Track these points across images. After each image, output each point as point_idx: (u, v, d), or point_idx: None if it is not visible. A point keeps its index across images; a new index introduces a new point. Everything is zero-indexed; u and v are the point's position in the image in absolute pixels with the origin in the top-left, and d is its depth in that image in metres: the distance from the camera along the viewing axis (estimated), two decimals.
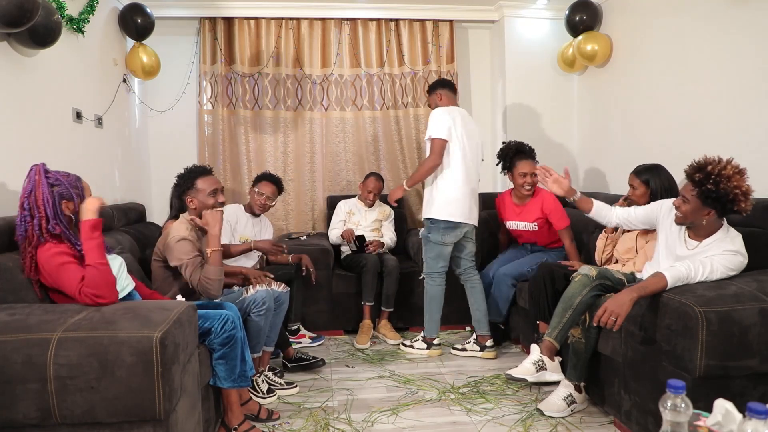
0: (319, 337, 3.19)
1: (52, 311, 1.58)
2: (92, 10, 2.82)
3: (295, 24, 3.90)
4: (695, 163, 1.93)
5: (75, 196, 1.79)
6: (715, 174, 1.83)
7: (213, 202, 2.26)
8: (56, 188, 1.76)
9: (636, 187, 2.51)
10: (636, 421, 1.94)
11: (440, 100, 2.96)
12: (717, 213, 1.90)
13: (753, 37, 2.38)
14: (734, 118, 2.49)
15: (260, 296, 2.28)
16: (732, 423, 1.06)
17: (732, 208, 1.86)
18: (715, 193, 1.83)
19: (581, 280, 2.21)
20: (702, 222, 1.93)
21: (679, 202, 1.97)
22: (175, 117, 3.85)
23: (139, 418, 1.48)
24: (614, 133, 3.51)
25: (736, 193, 1.82)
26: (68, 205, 1.78)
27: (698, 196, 1.88)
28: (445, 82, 3.05)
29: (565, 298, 2.24)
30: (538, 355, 2.33)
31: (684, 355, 1.68)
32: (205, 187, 2.25)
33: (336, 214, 3.60)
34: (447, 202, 2.82)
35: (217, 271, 2.10)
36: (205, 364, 1.89)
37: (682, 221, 2.00)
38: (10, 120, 2.25)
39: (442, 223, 2.83)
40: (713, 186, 1.83)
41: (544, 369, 2.31)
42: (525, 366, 2.32)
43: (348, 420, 2.23)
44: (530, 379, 2.30)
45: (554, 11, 3.89)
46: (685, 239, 2.05)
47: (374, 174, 3.60)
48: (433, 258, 2.91)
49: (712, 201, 1.86)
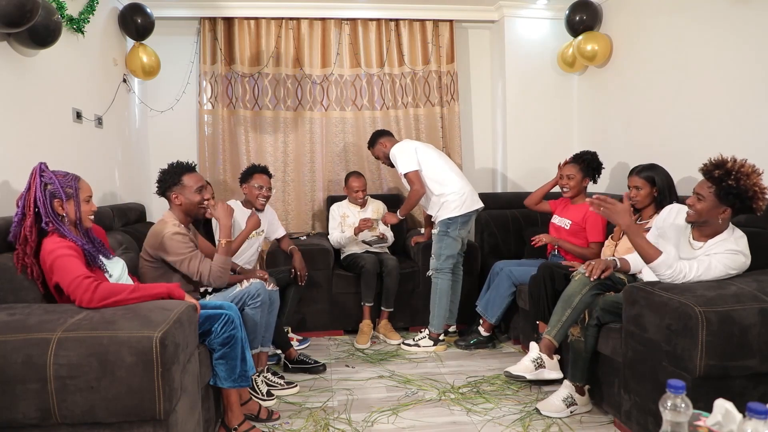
0: (305, 339, 3.19)
1: (52, 311, 1.58)
2: (92, 10, 2.82)
3: (295, 24, 3.90)
4: (713, 161, 1.91)
5: (65, 195, 1.80)
6: (736, 170, 1.82)
7: (199, 199, 2.27)
8: (49, 187, 1.78)
9: (641, 187, 2.50)
10: (636, 421, 1.94)
11: (386, 147, 3.23)
12: (733, 211, 1.89)
13: (753, 37, 2.38)
14: (734, 118, 2.49)
15: (254, 288, 2.30)
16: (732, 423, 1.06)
17: (750, 206, 1.85)
18: (735, 189, 1.82)
19: (581, 279, 2.21)
20: (717, 220, 1.91)
21: (693, 200, 1.95)
22: (175, 117, 3.85)
23: (139, 418, 1.48)
24: (614, 133, 3.51)
25: (756, 190, 1.81)
26: (59, 203, 1.79)
27: (716, 193, 1.87)
28: (382, 132, 3.35)
29: (564, 297, 2.24)
30: (537, 353, 2.34)
31: (684, 355, 1.68)
32: (191, 183, 2.26)
33: (332, 218, 3.57)
34: (457, 199, 3.01)
35: (228, 261, 2.22)
36: (205, 364, 1.89)
37: (696, 219, 1.96)
38: (10, 120, 2.25)
39: (461, 218, 3.02)
40: (734, 182, 1.82)
41: (542, 367, 2.32)
42: (524, 363, 2.33)
43: (348, 420, 2.23)
44: (528, 376, 2.31)
45: (554, 11, 3.89)
46: (689, 240, 2.03)
47: (353, 173, 3.55)
48: (449, 254, 3.04)
49: (733, 197, 1.84)
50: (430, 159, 3.08)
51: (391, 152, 3.14)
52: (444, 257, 3.03)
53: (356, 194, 3.47)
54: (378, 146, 3.27)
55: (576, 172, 2.97)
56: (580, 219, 2.91)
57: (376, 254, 3.41)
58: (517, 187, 4.01)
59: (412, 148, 3.08)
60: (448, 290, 3.08)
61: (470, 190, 3.08)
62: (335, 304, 3.32)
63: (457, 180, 3.06)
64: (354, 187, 3.47)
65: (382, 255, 3.40)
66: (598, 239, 2.86)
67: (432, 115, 4.04)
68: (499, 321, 3.03)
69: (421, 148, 3.11)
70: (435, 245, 3.08)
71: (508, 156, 4.01)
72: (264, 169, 3.06)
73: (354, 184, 3.47)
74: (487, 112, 4.22)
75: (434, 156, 3.11)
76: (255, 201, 3.01)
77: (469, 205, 3.03)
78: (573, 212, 2.98)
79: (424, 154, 3.08)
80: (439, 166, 3.08)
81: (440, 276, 3.05)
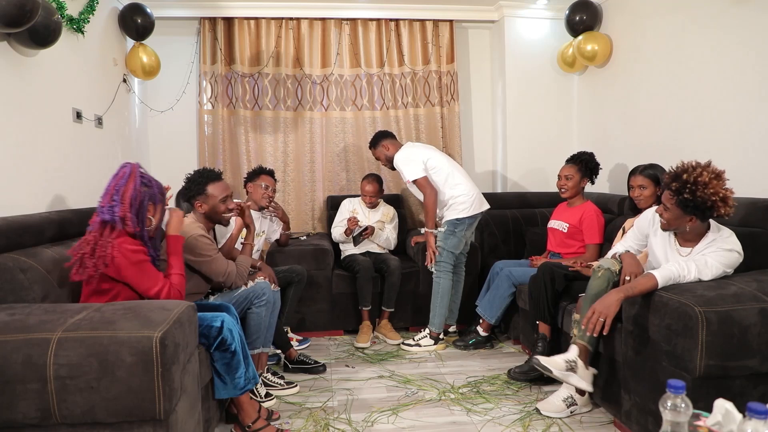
0: (306, 340, 3.18)
1: (52, 311, 1.58)
2: (92, 10, 2.82)
3: (295, 24, 3.90)
4: (672, 171, 1.90)
5: (158, 202, 1.87)
6: (691, 182, 1.80)
7: (224, 209, 2.34)
8: (147, 189, 1.85)
9: (645, 186, 2.49)
10: (636, 421, 1.94)
11: (388, 150, 3.22)
12: (701, 219, 1.88)
13: (753, 37, 2.37)
14: (734, 118, 2.49)
15: (260, 288, 2.34)
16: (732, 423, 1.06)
17: (712, 215, 1.84)
18: (692, 201, 1.81)
19: (605, 275, 2.12)
20: (686, 228, 1.92)
21: (660, 210, 1.96)
22: (175, 117, 3.85)
23: (139, 418, 1.48)
24: (614, 133, 3.51)
25: (714, 200, 1.79)
26: (150, 208, 1.86)
27: (677, 204, 1.86)
28: (385, 133, 3.31)
29: (591, 296, 2.12)
30: (575, 355, 2.14)
31: (684, 355, 1.68)
32: (216, 193, 2.31)
33: (340, 212, 3.58)
34: (466, 201, 3.02)
35: (250, 261, 2.45)
36: (205, 364, 1.89)
37: (667, 228, 1.98)
38: (10, 120, 2.25)
39: (468, 219, 3.04)
40: (690, 195, 1.80)
41: (574, 371, 2.14)
42: (556, 360, 2.15)
43: (348, 420, 2.23)
44: (555, 372, 2.12)
45: (554, 11, 3.89)
46: (676, 248, 2.03)
47: (369, 176, 3.57)
48: (451, 250, 3.05)
49: (692, 209, 1.84)
50: (439, 164, 3.07)
51: (395, 160, 3.14)
52: (446, 252, 3.05)
53: (365, 197, 3.52)
54: (380, 148, 3.25)
55: (574, 172, 2.97)
56: (577, 221, 2.92)
57: (376, 255, 3.41)
58: (517, 187, 4.01)
59: (419, 157, 3.06)
60: (450, 290, 3.09)
61: (478, 192, 3.09)
62: (335, 304, 3.32)
63: (466, 182, 3.07)
64: (364, 191, 3.51)
65: (383, 255, 3.40)
66: (595, 241, 2.86)
67: (432, 115, 4.04)
68: (498, 321, 3.03)
69: (428, 154, 3.09)
70: (439, 242, 3.08)
71: (508, 156, 4.01)
72: (271, 172, 3.10)
73: (366, 188, 3.50)
74: (487, 112, 4.22)
75: (442, 161, 3.10)
76: (259, 200, 3.01)
77: (477, 207, 3.05)
78: (570, 215, 2.99)
79: (433, 160, 3.07)
80: (448, 171, 3.07)
81: (442, 275, 3.06)
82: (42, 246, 2.03)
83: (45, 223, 2.13)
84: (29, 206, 2.32)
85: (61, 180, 2.63)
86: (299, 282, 2.99)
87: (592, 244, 2.87)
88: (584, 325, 1.92)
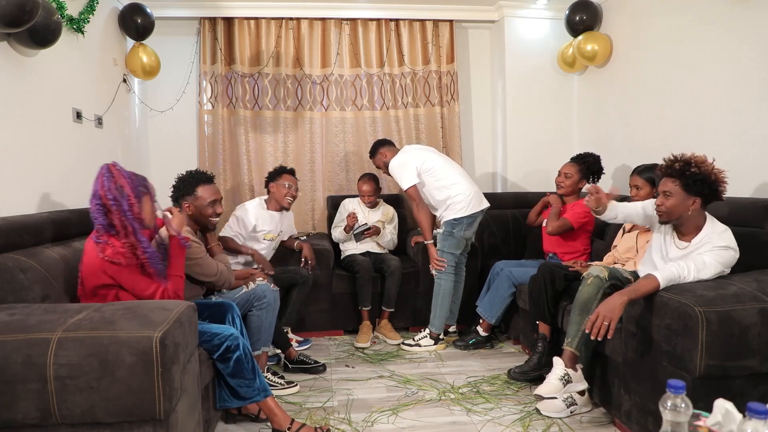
0: (307, 340, 3.18)
1: (52, 311, 1.58)
2: (92, 10, 2.82)
3: (295, 24, 3.90)
4: (668, 159, 1.97)
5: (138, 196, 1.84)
6: (693, 159, 1.90)
7: (211, 212, 2.30)
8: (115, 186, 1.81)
9: (640, 186, 2.50)
10: (636, 421, 1.94)
11: (386, 157, 3.22)
12: (702, 200, 1.91)
13: (753, 37, 2.37)
14: (734, 118, 2.49)
15: (260, 290, 2.34)
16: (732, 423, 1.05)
17: (716, 189, 1.89)
18: (700, 175, 1.87)
19: (594, 282, 2.15)
20: (688, 213, 1.93)
21: (661, 200, 1.97)
22: (175, 117, 3.85)
23: (139, 418, 1.48)
24: (614, 133, 3.51)
25: (716, 173, 1.88)
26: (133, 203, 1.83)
27: (682, 185, 1.90)
28: (383, 141, 3.32)
29: (580, 304, 2.15)
30: (563, 369, 2.20)
31: (684, 355, 1.68)
32: (205, 196, 2.30)
33: (339, 212, 3.58)
34: (462, 200, 3.00)
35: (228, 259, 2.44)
36: (205, 364, 1.89)
37: (667, 218, 1.99)
38: (10, 120, 2.25)
39: (466, 219, 3.01)
40: (697, 168, 1.87)
41: (569, 381, 2.19)
42: (552, 383, 2.19)
43: (348, 420, 2.23)
44: (560, 397, 2.18)
45: (554, 11, 3.89)
46: (674, 242, 2.04)
47: (365, 176, 3.55)
48: (451, 251, 3.04)
49: (700, 184, 1.87)
50: (434, 165, 3.04)
51: (390, 167, 3.13)
52: (446, 254, 3.04)
53: (363, 198, 3.51)
54: (378, 156, 3.27)
55: (575, 171, 2.97)
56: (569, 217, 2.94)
57: (376, 255, 3.41)
58: (517, 187, 4.01)
59: (412, 163, 3.03)
60: (451, 291, 3.08)
61: (476, 190, 3.06)
62: (335, 304, 3.32)
63: (462, 181, 3.04)
64: (363, 191, 3.50)
65: (383, 255, 3.40)
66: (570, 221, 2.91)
67: (432, 115, 4.04)
68: (498, 321, 3.03)
69: (422, 156, 3.07)
70: (438, 243, 3.08)
71: (508, 156, 4.01)
72: (292, 171, 3.11)
73: (363, 188, 3.49)
74: (487, 112, 4.22)
75: (438, 161, 3.07)
76: (282, 200, 3.02)
77: (475, 206, 3.01)
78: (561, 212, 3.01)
79: (428, 162, 3.04)
80: (444, 171, 3.04)
81: (443, 277, 3.05)
82: (42, 246, 2.03)
83: (45, 223, 2.12)
84: (29, 206, 2.32)
85: (61, 180, 2.62)
86: (303, 284, 2.99)
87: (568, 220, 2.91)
88: (588, 330, 1.92)
